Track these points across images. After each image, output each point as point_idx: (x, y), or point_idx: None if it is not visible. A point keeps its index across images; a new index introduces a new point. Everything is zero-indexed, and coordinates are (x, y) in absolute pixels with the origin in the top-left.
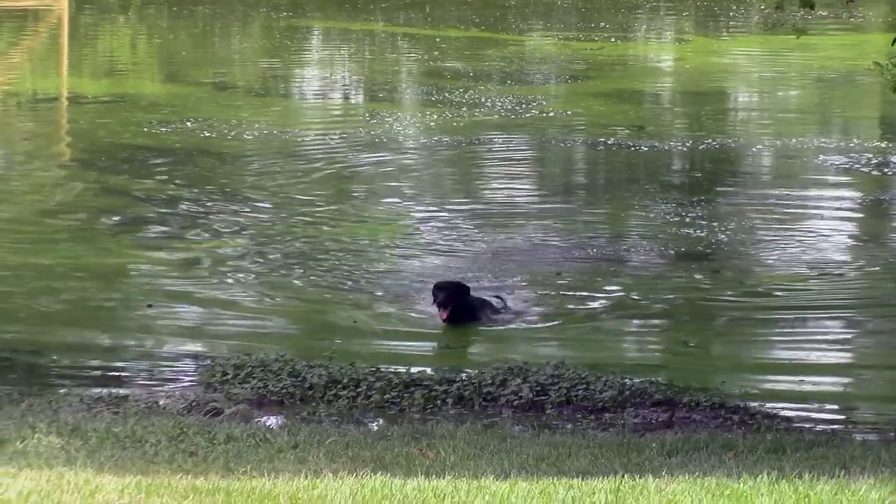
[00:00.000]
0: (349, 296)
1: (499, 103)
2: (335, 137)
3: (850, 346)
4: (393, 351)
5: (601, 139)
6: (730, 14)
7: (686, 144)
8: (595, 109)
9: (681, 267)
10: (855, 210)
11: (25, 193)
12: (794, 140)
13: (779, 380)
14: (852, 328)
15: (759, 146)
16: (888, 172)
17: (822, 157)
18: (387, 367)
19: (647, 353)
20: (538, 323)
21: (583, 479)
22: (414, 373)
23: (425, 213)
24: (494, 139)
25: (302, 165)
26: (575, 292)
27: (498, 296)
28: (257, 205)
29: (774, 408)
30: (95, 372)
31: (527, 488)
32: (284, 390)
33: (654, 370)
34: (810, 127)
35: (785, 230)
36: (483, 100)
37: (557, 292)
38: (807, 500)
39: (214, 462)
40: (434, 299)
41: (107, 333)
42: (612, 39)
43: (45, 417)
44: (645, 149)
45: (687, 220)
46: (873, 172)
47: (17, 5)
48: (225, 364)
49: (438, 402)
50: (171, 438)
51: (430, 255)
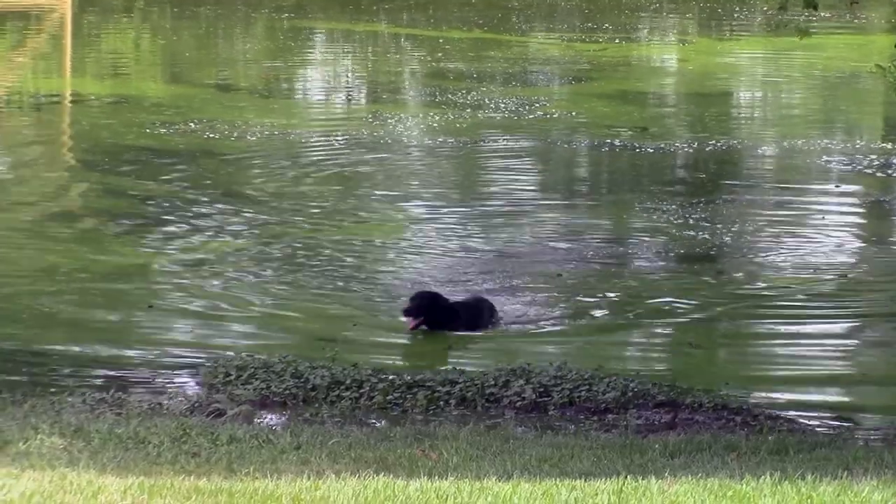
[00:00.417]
0: (352, 297)
1: (502, 104)
2: (338, 138)
3: (853, 348)
4: (396, 352)
5: (604, 140)
6: (733, 15)
7: (689, 146)
8: (598, 111)
9: (684, 268)
10: (858, 211)
11: (28, 194)
12: (797, 141)
13: (781, 381)
14: (855, 330)
15: (762, 147)
16: (892, 174)
17: (825, 158)
18: (389, 368)
19: (650, 355)
20: (540, 324)
21: (586, 480)
22: (416, 374)
23: (428, 214)
24: (497, 140)
25: (305, 166)
26: (577, 293)
27: (478, 301)
28: (260, 206)
29: (777, 409)
30: (98, 373)
31: (529, 489)
32: (287, 391)
33: (657, 371)
34: (814, 128)
35: (788, 232)
36: (486, 101)
37: (559, 293)
38: (809, 501)
39: (217, 463)
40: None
41: (110, 335)
42: (616, 40)
43: (48, 418)
44: (648, 150)
45: (690, 221)
46: (877, 174)
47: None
48: (228, 365)
49: (441, 403)
50: (173, 439)
51: (433, 256)
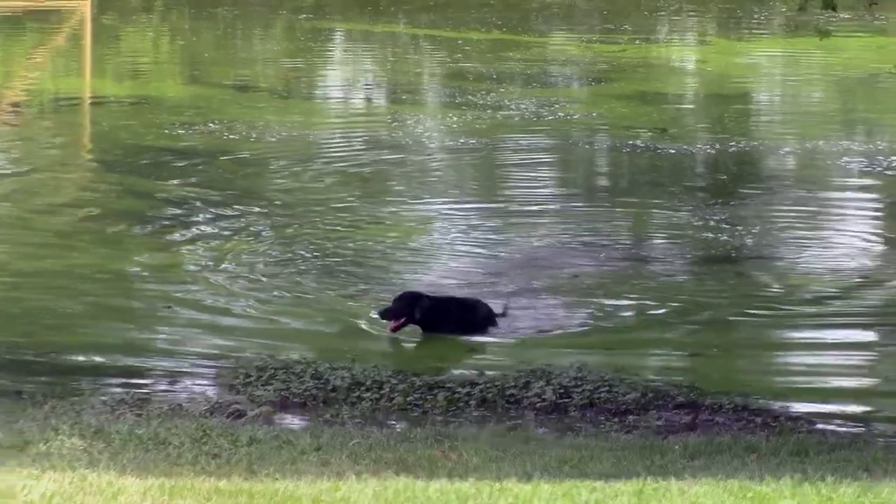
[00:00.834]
0: (371, 297)
1: (521, 105)
2: (357, 139)
3: (874, 350)
4: (415, 353)
5: (624, 141)
6: (752, 16)
7: (709, 147)
8: (618, 111)
9: (703, 270)
10: (879, 213)
11: (47, 195)
12: (817, 142)
13: (801, 382)
14: (875, 331)
15: (782, 148)
16: None
17: (845, 159)
18: (409, 369)
19: (670, 356)
20: (559, 326)
21: (606, 481)
22: (437, 375)
23: (447, 214)
24: (517, 141)
25: (324, 167)
26: (596, 295)
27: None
28: (280, 206)
29: (797, 410)
30: (118, 374)
31: (550, 490)
32: (307, 392)
33: (677, 373)
34: (833, 129)
35: (808, 233)
36: (505, 102)
37: (578, 295)
38: (829, 502)
39: (237, 464)
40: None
41: (129, 335)
42: (635, 42)
43: (69, 419)
44: (668, 151)
45: (710, 223)
46: None
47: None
48: (247, 366)
49: (461, 404)
50: (194, 440)
51: (452, 256)
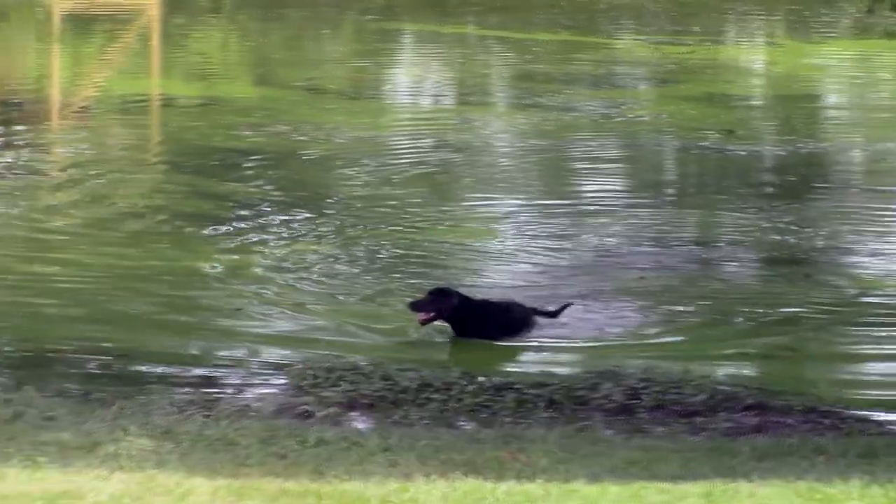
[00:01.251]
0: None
1: (589, 106)
2: (425, 140)
3: None
4: (484, 355)
5: (691, 143)
6: (821, 17)
7: (777, 148)
8: (685, 113)
9: (771, 271)
10: None
11: (115, 195)
12: (887, 144)
13: (870, 384)
14: None
15: (851, 150)
16: None
17: None
18: (478, 370)
19: (738, 358)
20: (626, 327)
21: (674, 483)
22: (505, 376)
23: (514, 216)
24: (584, 142)
25: (392, 168)
26: (662, 296)
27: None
28: (347, 208)
29: (866, 412)
30: (187, 375)
31: (618, 492)
32: (376, 393)
33: (745, 375)
34: None
35: (878, 235)
36: (573, 103)
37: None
38: None
39: (305, 465)
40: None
41: (197, 336)
42: (703, 43)
43: (137, 420)
44: (736, 152)
45: (779, 224)
46: None
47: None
48: (316, 367)
49: (530, 405)
50: (262, 441)
51: (518, 258)
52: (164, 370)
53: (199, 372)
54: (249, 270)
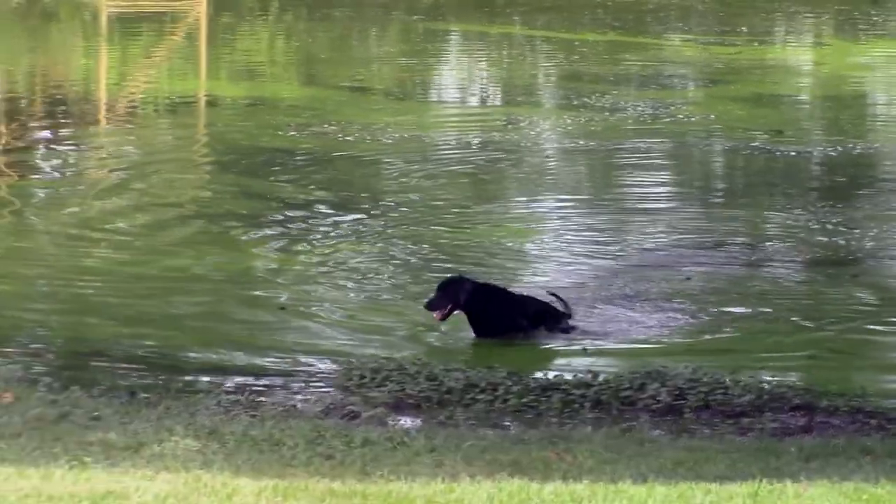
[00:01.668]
0: None
1: (636, 107)
2: (472, 140)
3: None
4: (529, 355)
5: (739, 143)
6: (869, 17)
7: (825, 148)
8: (733, 113)
9: (818, 272)
10: None
11: (162, 196)
12: None
13: None
14: None
15: None
16: None
17: None
18: (524, 370)
19: (785, 358)
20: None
21: (720, 483)
22: (551, 377)
23: (560, 216)
24: (631, 143)
25: (438, 168)
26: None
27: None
28: (393, 208)
29: None
30: (232, 375)
31: (664, 493)
32: (421, 394)
33: (792, 375)
34: None
35: None
36: (621, 103)
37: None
38: None
39: (351, 465)
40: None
41: (243, 336)
42: (751, 43)
43: (183, 420)
44: (784, 153)
45: (827, 225)
46: None
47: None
48: (362, 367)
49: (576, 406)
50: (308, 441)
51: (563, 258)
52: (210, 370)
53: (245, 372)
54: (295, 270)
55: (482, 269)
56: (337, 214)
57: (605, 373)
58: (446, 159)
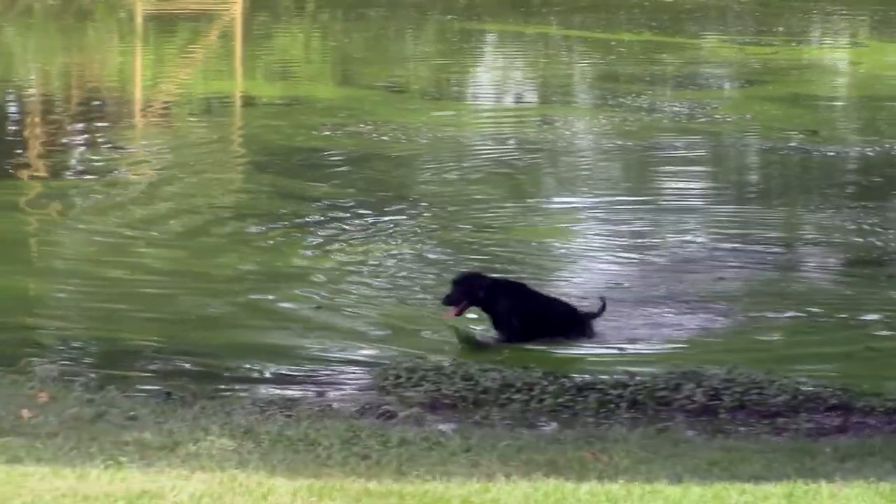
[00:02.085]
0: None
1: (672, 107)
2: (508, 140)
3: None
4: (565, 355)
5: (775, 143)
6: None
7: (861, 149)
8: (769, 114)
9: (854, 272)
10: None
11: (198, 196)
12: None
13: None
14: None
15: None
16: None
17: None
18: (559, 370)
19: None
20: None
21: (756, 483)
22: (587, 377)
23: (595, 216)
24: (667, 143)
25: (474, 168)
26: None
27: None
28: (429, 208)
29: None
30: (268, 374)
31: (700, 493)
32: (457, 394)
33: (828, 375)
34: None
35: None
36: (656, 103)
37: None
38: None
39: (387, 465)
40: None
41: (279, 336)
42: (788, 43)
43: (218, 420)
44: (820, 153)
45: (863, 226)
46: None
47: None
48: (398, 367)
49: (612, 406)
50: (343, 441)
51: (598, 258)
52: (246, 370)
53: (281, 372)
54: (330, 270)
55: (516, 269)
56: (373, 214)
57: (640, 373)
58: (482, 159)
